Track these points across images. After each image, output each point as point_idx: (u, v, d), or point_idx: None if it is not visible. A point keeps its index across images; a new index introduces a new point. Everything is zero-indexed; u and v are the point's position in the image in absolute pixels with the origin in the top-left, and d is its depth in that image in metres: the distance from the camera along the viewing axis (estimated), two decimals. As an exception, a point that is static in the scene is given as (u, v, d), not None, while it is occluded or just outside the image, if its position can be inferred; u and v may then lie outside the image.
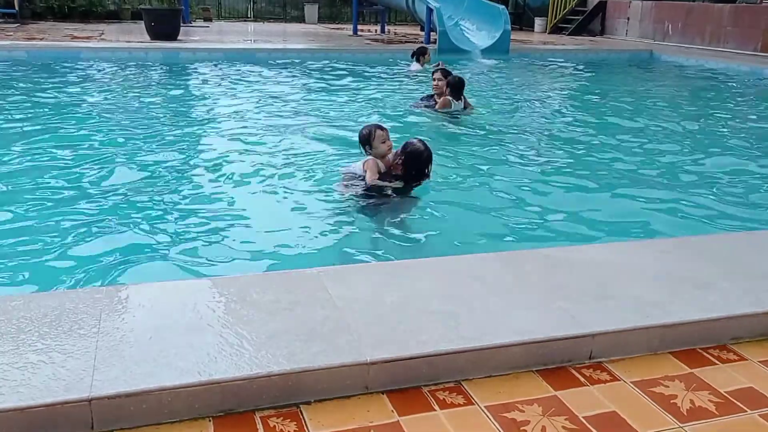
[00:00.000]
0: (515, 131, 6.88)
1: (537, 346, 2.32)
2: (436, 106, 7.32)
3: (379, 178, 4.41)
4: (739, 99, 10.23)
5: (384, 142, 4.50)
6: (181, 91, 9.20)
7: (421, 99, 7.73)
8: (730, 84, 11.50)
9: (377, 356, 2.14)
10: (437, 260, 2.98)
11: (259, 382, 2.03)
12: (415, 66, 11.00)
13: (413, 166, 4.43)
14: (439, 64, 9.22)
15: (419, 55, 11.19)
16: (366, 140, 4.54)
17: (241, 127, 6.63)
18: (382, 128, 4.59)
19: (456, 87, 7.29)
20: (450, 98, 7.27)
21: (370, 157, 4.50)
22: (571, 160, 5.79)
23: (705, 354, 2.45)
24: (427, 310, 2.44)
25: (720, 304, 2.62)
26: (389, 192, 4.44)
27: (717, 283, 2.80)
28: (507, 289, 2.68)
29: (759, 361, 2.41)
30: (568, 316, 2.47)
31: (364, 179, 4.43)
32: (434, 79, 7.51)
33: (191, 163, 5.34)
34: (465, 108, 7.42)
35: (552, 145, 6.28)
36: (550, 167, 5.50)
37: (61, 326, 2.23)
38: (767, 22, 14.11)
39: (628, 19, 18.39)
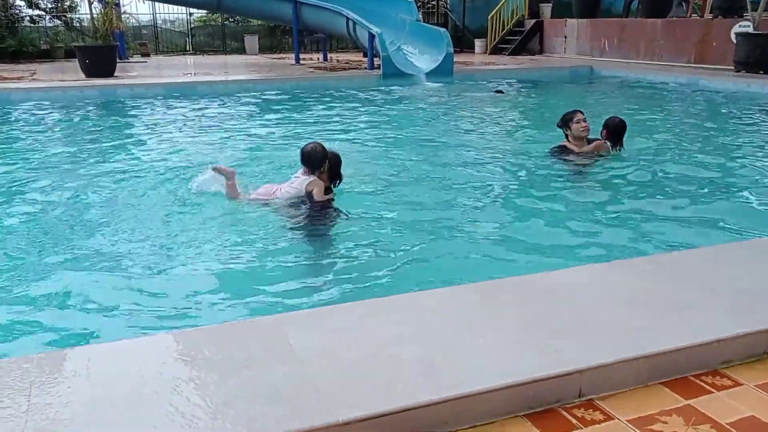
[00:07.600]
0: (480, 152, 6.74)
1: (523, 389, 2.11)
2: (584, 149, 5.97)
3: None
4: (690, 109, 10.42)
5: None
6: (119, 128, 8.81)
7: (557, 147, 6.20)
8: (675, 94, 11.73)
9: (351, 415, 1.91)
10: (407, 297, 2.76)
11: (217, 458, 1.77)
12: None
13: (337, 173, 4.64)
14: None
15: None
16: (322, 159, 4.52)
17: (184, 164, 6.32)
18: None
19: (618, 132, 6.10)
20: (607, 144, 6.09)
21: (313, 177, 4.53)
22: (535, 182, 5.64)
23: (698, 382, 2.29)
24: (401, 357, 2.21)
25: (706, 326, 2.47)
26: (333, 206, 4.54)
27: (698, 303, 2.67)
28: (483, 325, 2.47)
29: (755, 386, 2.26)
30: (552, 351, 2.28)
31: (304, 200, 4.48)
32: (579, 121, 5.97)
33: (128, 203, 4.95)
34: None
35: (515, 166, 6.14)
36: (514, 191, 5.34)
37: (-18, 407, 1.93)
38: (698, 35, 14.52)
39: (565, 37, 18.71)
